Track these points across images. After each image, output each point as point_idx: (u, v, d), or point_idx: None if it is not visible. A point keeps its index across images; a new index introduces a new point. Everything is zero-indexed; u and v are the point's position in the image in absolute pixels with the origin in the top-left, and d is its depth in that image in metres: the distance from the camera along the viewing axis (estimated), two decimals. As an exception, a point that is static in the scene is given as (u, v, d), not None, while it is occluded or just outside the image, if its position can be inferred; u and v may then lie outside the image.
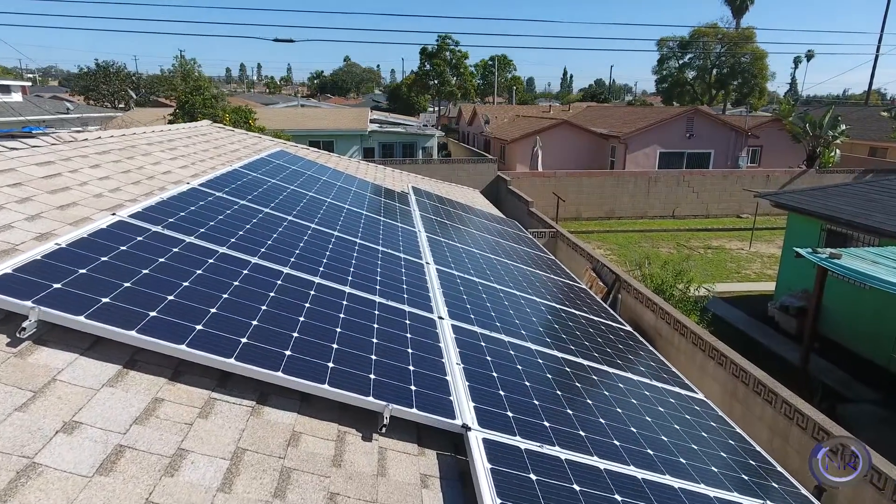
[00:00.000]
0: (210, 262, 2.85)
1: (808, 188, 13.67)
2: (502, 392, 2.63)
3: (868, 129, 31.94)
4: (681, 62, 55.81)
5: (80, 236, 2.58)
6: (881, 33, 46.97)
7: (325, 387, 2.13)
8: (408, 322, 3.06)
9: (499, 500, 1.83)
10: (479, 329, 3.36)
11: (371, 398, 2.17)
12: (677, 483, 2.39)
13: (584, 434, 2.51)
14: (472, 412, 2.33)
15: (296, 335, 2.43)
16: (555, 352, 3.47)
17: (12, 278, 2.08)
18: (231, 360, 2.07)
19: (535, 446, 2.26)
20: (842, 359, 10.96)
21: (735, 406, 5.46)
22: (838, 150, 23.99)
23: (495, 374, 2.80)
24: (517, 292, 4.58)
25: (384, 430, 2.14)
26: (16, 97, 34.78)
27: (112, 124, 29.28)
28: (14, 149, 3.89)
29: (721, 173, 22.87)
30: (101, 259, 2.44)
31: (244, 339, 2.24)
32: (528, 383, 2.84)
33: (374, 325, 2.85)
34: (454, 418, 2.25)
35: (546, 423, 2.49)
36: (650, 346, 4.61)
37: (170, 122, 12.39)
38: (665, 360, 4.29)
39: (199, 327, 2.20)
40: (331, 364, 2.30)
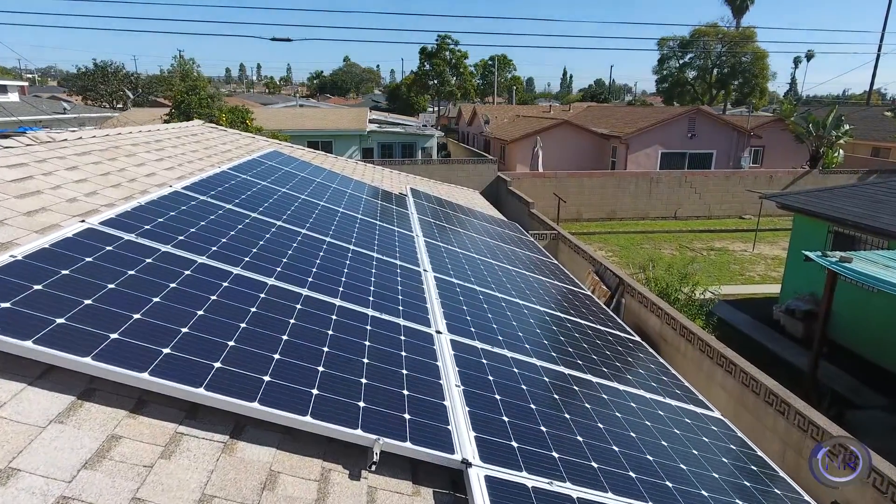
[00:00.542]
0: (186, 273, 2.60)
1: (815, 189, 13.43)
2: (506, 417, 2.39)
3: (870, 129, 31.70)
4: (681, 62, 55.60)
5: (41, 247, 2.34)
6: (882, 32, 46.69)
7: (308, 419, 1.89)
8: (403, 338, 2.82)
9: (504, 555, 1.59)
10: (480, 344, 3.12)
11: (359, 431, 1.93)
12: (701, 522, 2.15)
13: (596, 466, 2.27)
14: (472, 444, 2.09)
15: (277, 357, 2.19)
16: (561, 368, 3.23)
17: (-47, 297, 1.84)
18: (200, 389, 1.83)
19: (543, 483, 2.01)
20: (850, 364, 10.72)
21: (744, 416, 5.24)
22: (842, 151, 23.75)
23: (498, 397, 2.56)
24: (520, 301, 4.34)
25: (374, 467, 1.90)
26: (12, 97, 34.57)
27: (108, 124, 29.01)
28: (-16, 150, 3.65)
29: (723, 174, 22.63)
30: (62, 273, 2.20)
31: (217, 364, 1.99)
32: (533, 406, 2.60)
33: (366, 343, 2.61)
34: (453, 452, 2.01)
35: (555, 453, 2.25)
36: (660, 358, 4.37)
37: (165, 122, 12.15)
38: (677, 374, 4.06)
39: (167, 351, 1.96)
40: (315, 391, 2.06)
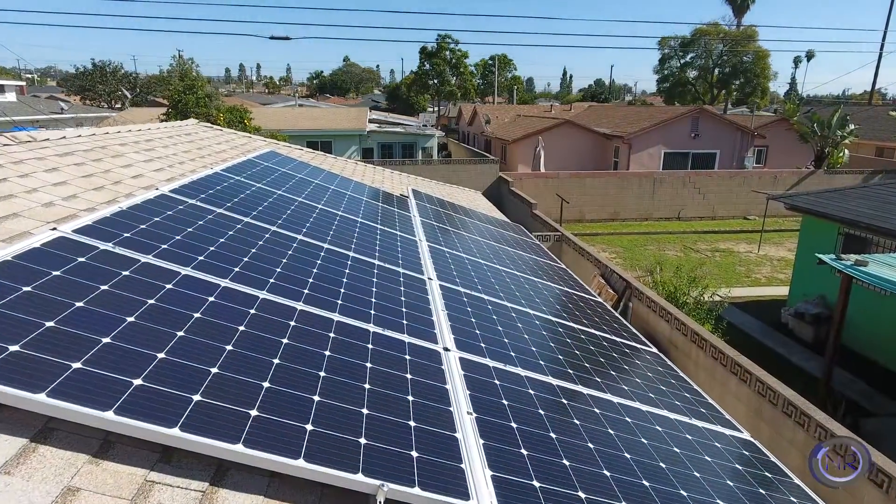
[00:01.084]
0: (167, 287, 2.34)
1: (824, 190, 13.17)
2: (524, 450, 2.13)
3: (874, 129, 31.45)
4: (682, 62, 55.32)
5: (2, 259, 2.08)
6: (885, 31, 46.44)
7: (301, 463, 1.63)
8: (408, 357, 2.56)
9: None
10: (491, 362, 2.85)
11: (360, 476, 1.67)
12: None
13: (628, 507, 2.01)
14: (489, 486, 1.83)
15: (266, 386, 1.93)
16: (579, 387, 2.97)
17: None
18: (174, 430, 1.57)
19: (571, 532, 1.75)
20: (863, 370, 10.46)
21: (762, 427, 4.99)
22: (847, 151, 23.50)
23: (514, 425, 2.30)
24: (530, 311, 4.08)
25: (377, 517, 1.64)
26: (10, 97, 34.29)
27: (105, 124, 28.74)
28: (-45, 150, 3.39)
29: (727, 174, 22.38)
30: (21, 290, 1.93)
31: (196, 398, 1.73)
32: (553, 435, 2.34)
33: (367, 365, 2.35)
34: (468, 498, 1.75)
35: (581, 493, 1.99)
36: (679, 371, 4.11)
37: (161, 122, 11.88)
38: (700, 389, 3.79)
39: (138, 382, 1.70)
40: (309, 426, 1.80)
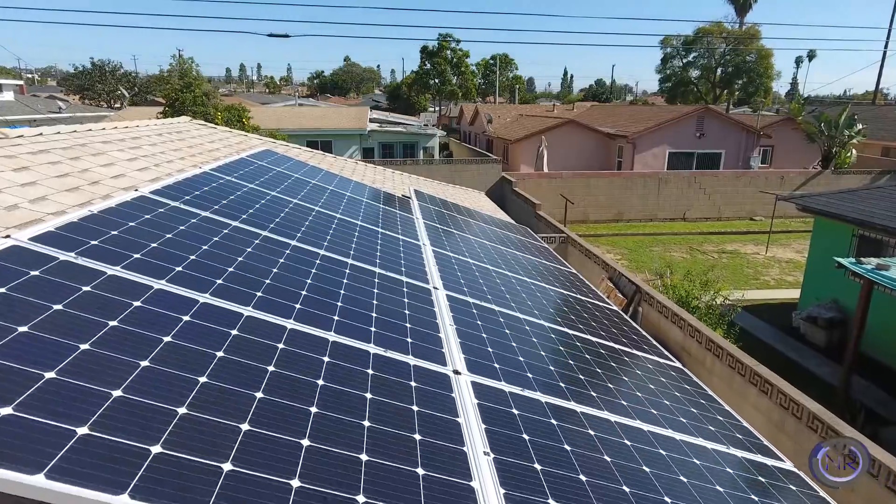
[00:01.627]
0: (135, 305, 2.01)
1: (837, 191, 12.83)
2: (552, 502, 1.80)
3: (879, 129, 31.08)
4: (685, 61, 54.95)
5: (-66, 274, 1.75)
6: (889, 30, 45.96)
7: (283, 535, 1.30)
8: (413, 384, 2.23)
9: None
10: (507, 386, 2.53)
11: (358, 549, 1.34)
12: None
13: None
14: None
15: (245, 429, 1.60)
16: (606, 413, 2.64)
17: None
18: (122, 497, 1.24)
19: None
20: (879, 376, 10.13)
21: (784, 442, 4.67)
22: (854, 151, 23.15)
23: (538, 467, 1.97)
24: (544, 322, 3.75)
25: None
26: (7, 96, 33.96)
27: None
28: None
29: (733, 174, 22.05)
30: (-49, 313, 1.61)
31: (155, 449, 1.40)
32: (583, 477, 2.01)
33: (367, 396, 2.02)
34: (490, 572, 1.42)
35: (622, 556, 1.66)
36: (708, 390, 3.78)
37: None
38: (732, 411, 3.46)
39: (82, 431, 1.37)
40: (296, 483, 1.47)
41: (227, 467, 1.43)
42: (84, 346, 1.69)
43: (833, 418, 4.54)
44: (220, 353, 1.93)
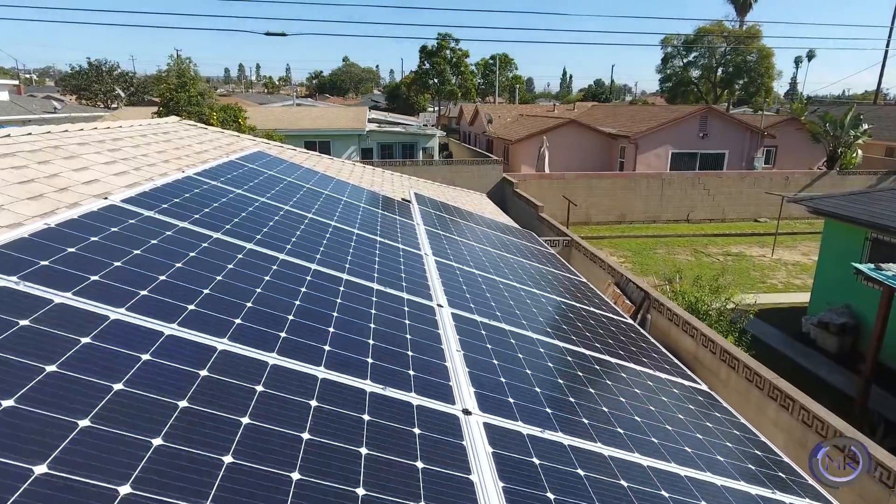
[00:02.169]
0: (82, 343, 1.67)
1: (848, 192, 12.50)
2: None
3: (882, 129, 30.77)
4: (685, 61, 54.65)
5: None
6: (890, 29, 45.65)
7: None
8: (417, 432, 1.89)
9: None
10: (524, 427, 2.19)
11: None
12: None
13: None
14: None
15: (205, 513, 1.26)
16: (636, 456, 2.30)
17: None
18: None
19: None
20: (894, 384, 9.80)
21: (807, 461, 4.36)
22: (860, 151, 22.83)
23: (569, 538, 1.63)
24: (559, 342, 3.42)
25: None
26: (2, 96, 33.57)
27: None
28: None
29: (737, 175, 21.73)
30: None
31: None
32: (622, 549, 1.67)
33: (363, 451, 1.68)
34: None
35: None
36: (741, 419, 3.44)
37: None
38: (773, 446, 3.12)
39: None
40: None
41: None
42: (6, 404, 1.35)
43: (861, 437, 4.22)
44: (182, 403, 1.58)
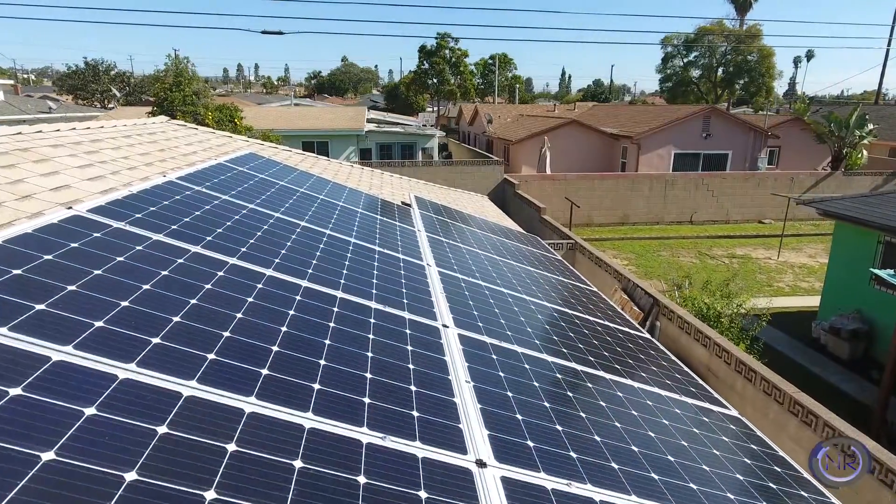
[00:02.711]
0: (10, 397, 1.34)
1: (860, 194, 12.20)
2: None
3: (886, 129, 30.49)
4: (686, 61, 54.36)
5: None
6: (892, 29, 45.35)
7: None
8: (424, 496, 1.56)
9: None
10: (548, 480, 1.86)
11: None
12: None
13: None
14: None
15: None
16: (676, 510, 1.97)
17: None
18: None
19: None
20: (911, 393, 9.47)
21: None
22: (865, 152, 22.54)
23: None
24: (577, 366, 3.09)
25: None
26: (-3, 96, 33.16)
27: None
28: None
29: (742, 175, 21.41)
30: None
31: None
32: None
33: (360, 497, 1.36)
34: None
35: None
36: (780, 451, 3.12)
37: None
38: (823, 490, 2.80)
39: None
40: None
41: None
42: None
43: (892, 458, 3.91)
44: (130, 476, 1.25)
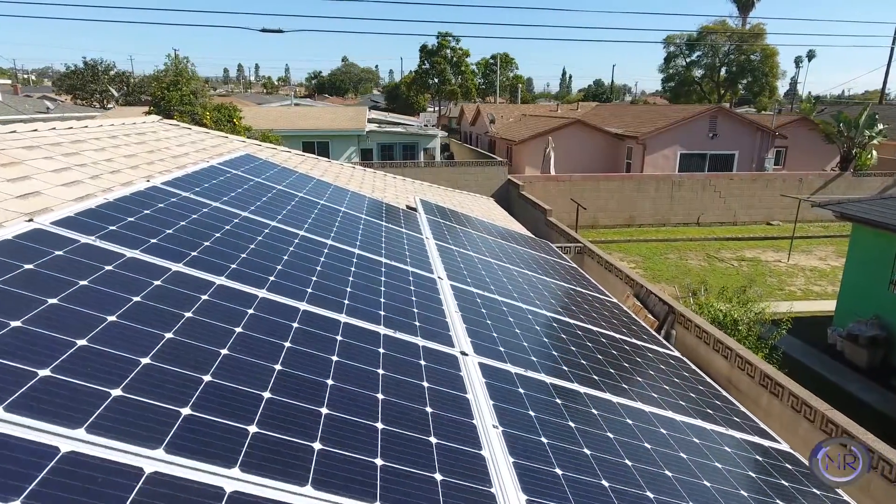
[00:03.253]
0: None
1: (879, 196, 11.84)
2: None
3: (891, 130, 30.07)
4: (688, 60, 54.02)
5: None
6: (897, 29, 44.92)
7: None
8: None
9: None
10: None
11: None
12: None
13: None
14: None
15: None
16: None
17: None
18: None
19: None
20: (934, 403, 9.14)
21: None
22: (875, 152, 22.17)
23: None
24: (613, 398, 2.74)
25: None
26: (-6, 96, 32.83)
27: (91, 124, 27.30)
28: None
29: (749, 176, 21.06)
30: None
31: None
32: None
33: None
34: None
35: None
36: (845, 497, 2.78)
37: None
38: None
39: None
40: None
41: None
42: None
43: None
44: None
